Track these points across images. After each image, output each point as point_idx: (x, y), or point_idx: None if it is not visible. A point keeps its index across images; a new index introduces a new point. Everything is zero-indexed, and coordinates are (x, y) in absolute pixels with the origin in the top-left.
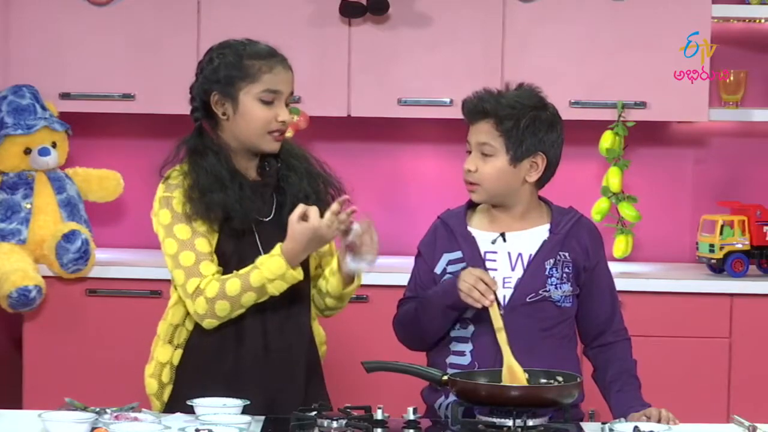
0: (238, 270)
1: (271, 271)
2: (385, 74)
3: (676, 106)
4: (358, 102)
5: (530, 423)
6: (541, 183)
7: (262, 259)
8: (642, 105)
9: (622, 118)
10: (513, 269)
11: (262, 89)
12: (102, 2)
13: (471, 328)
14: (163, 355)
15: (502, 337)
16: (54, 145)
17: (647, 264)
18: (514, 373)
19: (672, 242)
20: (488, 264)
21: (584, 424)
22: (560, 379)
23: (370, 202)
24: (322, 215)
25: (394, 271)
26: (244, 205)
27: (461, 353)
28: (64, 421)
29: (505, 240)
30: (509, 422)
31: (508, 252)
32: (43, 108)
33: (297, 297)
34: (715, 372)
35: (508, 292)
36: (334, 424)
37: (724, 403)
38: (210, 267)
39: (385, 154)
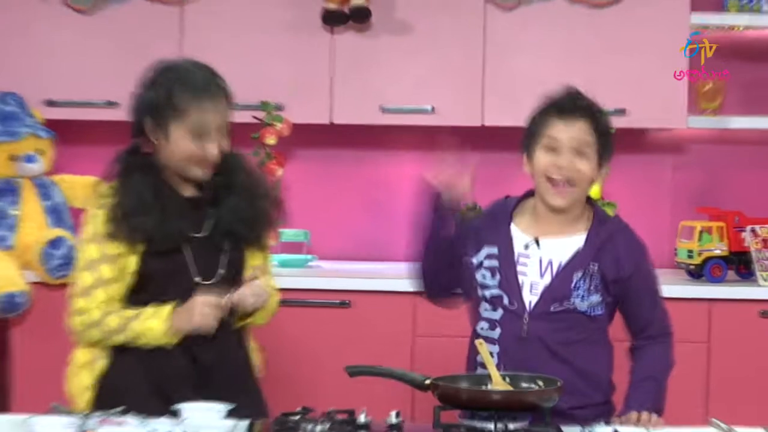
0: (166, 289)
1: (150, 329)
2: (367, 82)
3: (655, 114)
4: (341, 109)
5: (511, 427)
6: None
7: (150, 312)
8: (621, 112)
9: None
10: (542, 276)
11: (191, 126)
12: (86, 10)
13: (498, 330)
14: (82, 357)
15: (492, 369)
16: (40, 152)
17: None
18: None
19: (651, 248)
20: (519, 268)
21: (565, 428)
22: (540, 383)
23: (352, 209)
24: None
25: (376, 276)
26: (165, 230)
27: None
28: (50, 426)
29: (538, 246)
30: (491, 426)
31: (539, 258)
32: (29, 115)
33: None
34: (693, 376)
35: (534, 299)
36: (318, 428)
37: (702, 406)
38: (101, 294)
39: (367, 162)
